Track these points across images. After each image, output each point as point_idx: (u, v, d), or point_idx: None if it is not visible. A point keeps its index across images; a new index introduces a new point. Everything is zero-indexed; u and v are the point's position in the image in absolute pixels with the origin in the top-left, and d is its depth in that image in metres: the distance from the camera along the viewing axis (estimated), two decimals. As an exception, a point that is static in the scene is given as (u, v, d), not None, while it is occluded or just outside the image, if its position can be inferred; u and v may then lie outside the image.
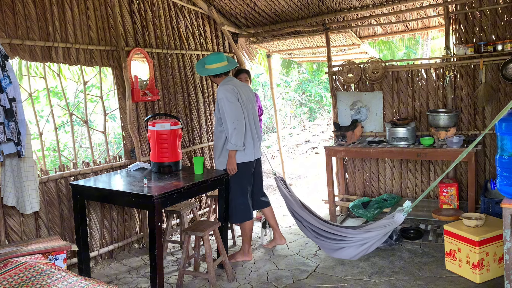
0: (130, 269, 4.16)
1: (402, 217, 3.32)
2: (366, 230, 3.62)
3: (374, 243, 3.56)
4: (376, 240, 3.55)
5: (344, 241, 3.79)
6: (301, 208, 4.20)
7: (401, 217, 3.32)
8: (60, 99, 8.66)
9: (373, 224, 3.62)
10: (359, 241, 3.64)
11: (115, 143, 8.99)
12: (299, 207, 4.21)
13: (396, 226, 3.45)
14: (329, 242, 3.90)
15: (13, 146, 3.27)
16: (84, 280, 2.58)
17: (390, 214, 3.44)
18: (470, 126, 4.91)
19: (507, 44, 4.51)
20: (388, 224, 3.45)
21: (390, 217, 3.44)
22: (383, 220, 3.52)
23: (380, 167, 5.45)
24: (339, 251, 3.78)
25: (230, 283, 3.81)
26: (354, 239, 3.70)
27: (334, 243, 3.84)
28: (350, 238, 3.73)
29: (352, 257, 3.71)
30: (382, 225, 3.51)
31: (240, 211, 4.14)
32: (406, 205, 3.27)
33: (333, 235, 3.88)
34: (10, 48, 3.60)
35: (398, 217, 3.34)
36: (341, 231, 3.82)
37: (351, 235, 3.73)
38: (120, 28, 4.49)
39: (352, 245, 3.70)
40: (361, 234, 3.64)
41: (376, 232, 3.53)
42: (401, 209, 3.32)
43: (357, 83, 5.43)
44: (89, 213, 4.17)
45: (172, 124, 3.98)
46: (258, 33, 6.05)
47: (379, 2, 5.09)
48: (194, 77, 5.46)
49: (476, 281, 3.53)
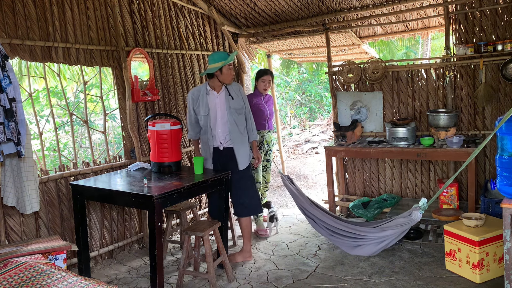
0: (130, 269, 4.16)
1: (419, 215, 3.35)
2: (384, 229, 3.66)
3: (392, 241, 3.64)
4: (394, 238, 3.62)
5: (361, 239, 3.84)
6: (311, 205, 4.21)
7: (419, 215, 3.35)
8: (60, 99, 8.66)
9: (390, 222, 3.64)
10: (376, 239, 3.71)
11: (115, 143, 8.99)
12: (309, 204, 4.22)
13: (413, 224, 3.47)
14: (346, 240, 3.95)
15: (13, 146, 3.27)
16: (84, 280, 2.58)
17: (407, 212, 3.47)
18: (470, 126, 4.91)
19: (507, 44, 4.51)
20: (405, 223, 3.49)
21: (406, 215, 3.46)
22: (400, 219, 3.55)
23: (380, 167, 5.45)
24: (357, 248, 3.85)
25: (230, 283, 3.81)
26: (372, 238, 3.76)
27: (351, 241, 3.89)
28: (367, 236, 3.79)
29: (371, 254, 3.81)
30: (399, 223, 3.54)
31: (260, 201, 4.39)
32: (422, 202, 3.29)
33: (349, 232, 3.91)
34: (10, 48, 3.60)
35: (415, 215, 3.36)
36: (357, 230, 3.85)
37: (368, 234, 3.78)
38: (120, 28, 4.49)
39: (370, 243, 3.77)
40: (378, 233, 3.69)
41: (393, 231, 3.58)
42: (418, 206, 3.33)
43: (357, 83, 5.43)
44: (89, 213, 4.17)
45: (172, 124, 3.98)
46: (258, 33, 6.05)
47: (379, 2, 5.09)
48: (194, 77, 5.46)
49: (476, 281, 3.53)
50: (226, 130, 4.05)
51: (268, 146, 4.99)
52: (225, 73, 3.96)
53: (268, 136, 5.00)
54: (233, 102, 4.04)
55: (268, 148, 5.00)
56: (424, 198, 3.28)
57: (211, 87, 4.04)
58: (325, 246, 4.50)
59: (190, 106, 4.09)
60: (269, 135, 5.02)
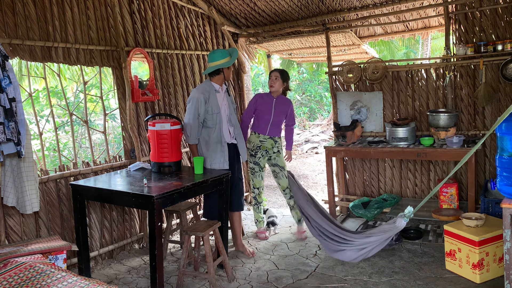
0: (130, 269, 4.16)
1: (403, 222, 3.34)
2: (368, 235, 3.68)
3: (374, 248, 3.62)
4: (377, 245, 3.61)
5: (344, 243, 3.85)
6: (307, 204, 4.23)
7: (403, 223, 3.34)
8: (60, 99, 8.66)
9: (374, 229, 3.66)
10: (359, 245, 3.72)
11: (115, 143, 8.99)
12: (306, 202, 4.25)
13: (397, 232, 3.46)
14: (330, 242, 3.95)
15: (13, 146, 3.27)
16: (84, 280, 2.57)
17: (392, 220, 3.46)
18: (470, 126, 4.91)
19: (507, 44, 4.51)
20: (389, 230, 3.49)
21: (391, 222, 3.47)
22: (384, 225, 3.56)
23: (380, 167, 5.45)
24: (339, 252, 3.86)
25: (230, 283, 3.81)
26: (355, 243, 3.77)
27: (335, 244, 3.90)
28: (351, 241, 3.81)
29: (352, 259, 3.78)
30: (383, 230, 3.55)
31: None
32: (408, 210, 3.28)
33: (335, 236, 3.93)
34: (10, 48, 3.60)
35: (399, 222, 3.36)
36: (343, 234, 3.86)
37: (352, 239, 3.80)
38: (120, 28, 4.49)
39: (352, 248, 3.77)
40: (362, 238, 3.71)
41: (377, 237, 3.58)
42: (403, 214, 3.33)
43: (357, 83, 5.43)
44: (89, 213, 4.17)
45: (172, 124, 3.98)
46: (258, 33, 6.05)
47: (379, 2, 5.09)
48: (194, 77, 5.46)
49: (476, 281, 3.53)
50: (231, 125, 4.26)
51: (266, 152, 4.70)
52: (229, 70, 4.22)
53: (269, 142, 4.69)
54: (231, 98, 4.37)
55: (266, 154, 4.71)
56: (410, 206, 3.29)
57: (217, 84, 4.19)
58: (325, 246, 4.51)
59: (201, 106, 4.03)
60: (270, 141, 4.70)
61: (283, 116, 4.75)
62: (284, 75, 4.68)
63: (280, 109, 4.68)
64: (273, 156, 4.75)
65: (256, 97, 4.74)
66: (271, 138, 4.70)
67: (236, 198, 4.36)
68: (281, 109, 4.69)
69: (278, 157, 4.75)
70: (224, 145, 4.16)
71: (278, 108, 4.67)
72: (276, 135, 4.72)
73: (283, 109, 4.71)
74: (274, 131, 4.70)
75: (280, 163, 4.75)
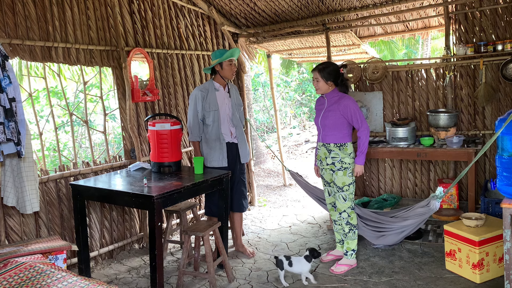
0: (130, 269, 4.16)
1: (437, 204, 3.52)
2: (404, 218, 3.86)
3: (413, 229, 3.90)
4: (414, 227, 3.87)
5: (383, 228, 4.05)
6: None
7: (437, 204, 3.55)
8: (60, 99, 8.67)
9: (409, 211, 3.81)
10: (398, 229, 3.94)
11: (115, 143, 8.99)
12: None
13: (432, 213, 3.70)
14: (369, 229, 4.13)
15: (13, 146, 3.27)
16: (84, 280, 2.57)
17: (424, 202, 3.64)
18: (470, 126, 4.91)
19: (507, 44, 4.51)
20: (424, 212, 3.69)
21: (424, 204, 3.64)
22: (419, 209, 3.72)
23: (380, 167, 5.45)
24: (381, 238, 4.09)
25: (230, 283, 3.81)
26: (394, 227, 3.97)
27: (374, 230, 4.09)
28: (389, 226, 3.99)
29: (394, 243, 4.09)
30: (418, 213, 3.74)
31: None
32: (439, 191, 3.46)
33: (371, 221, 4.09)
34: (10, 48, 3.60)
35: (433, 204, 3.55)
36: (378, 218, 4.03)
37: (390, 224, 3.98)
38: (120, 28, 4.49)
39: (392, 232, 4.01)
40: (400, 222, 3.90)
41: (414, 220, 3.80)
42: (435, 196, 3.42)
43: (357, 83, 5.43)
44: (89, 213, 4.17)
45: (172, 124, 3.98)
46: (258, 33, 6.05)
47: (379, 2, 5.09)
48: (194, 77, 5.46)
49: (476, 281, 3.53)
50: (233, 125, 4.24)
51: (321, 163, 4.00)
52: (226, 69, 4.14)
53: (322, 151, 3.95)
54: (236, 98, 4.32)
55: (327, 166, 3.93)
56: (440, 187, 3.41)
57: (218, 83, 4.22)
58: (325, 246, 4.50)
59: (198, 103, 4.10)
60: (323, 150, 3.93)
61: (338, 117, 3.79)
62: (325, 72, 3.79)
63: (331, 109, 3.83)
64: (325, 168, 3.96)
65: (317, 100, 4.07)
66: (324, 146, 3.93)
67: (236, 199, 4.34)
68: (332, 109, 3.82)
69: (334, 172, 3.90)
70: (223, 143, 4.16)
71: (329, 108, 3.84)
72: (331, 142, 3.85)
73: (336, 108, 3.80)
74: (328, 136, 3.87)
75: (337, 180, 3.88)
